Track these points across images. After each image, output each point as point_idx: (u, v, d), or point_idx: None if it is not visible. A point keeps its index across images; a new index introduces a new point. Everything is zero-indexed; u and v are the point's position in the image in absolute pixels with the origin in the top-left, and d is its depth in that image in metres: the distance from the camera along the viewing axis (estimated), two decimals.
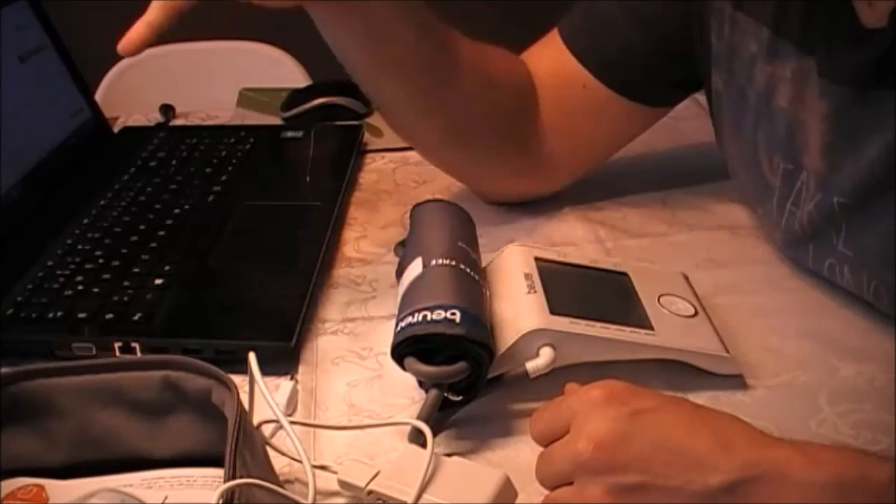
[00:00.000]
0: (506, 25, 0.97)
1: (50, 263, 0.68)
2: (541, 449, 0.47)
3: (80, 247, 0.70)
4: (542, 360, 0.54)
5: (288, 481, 0.50)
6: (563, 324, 0.54)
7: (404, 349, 0.52)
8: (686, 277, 0.64)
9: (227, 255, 0.70)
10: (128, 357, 0.59)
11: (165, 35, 0.59)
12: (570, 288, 0.60)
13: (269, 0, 0.61)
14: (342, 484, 0.47)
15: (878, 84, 0.55)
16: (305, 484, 0.46)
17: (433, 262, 0.56)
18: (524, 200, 0.80)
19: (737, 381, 0.57)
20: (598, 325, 0.55)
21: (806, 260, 0.65)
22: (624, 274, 0.63)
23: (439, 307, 0.52)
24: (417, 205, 0.65)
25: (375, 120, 1.00)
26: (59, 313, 0.62)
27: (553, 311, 0.55)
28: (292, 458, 0.49)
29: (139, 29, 0.57)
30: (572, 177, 0.80)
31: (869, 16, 0.54)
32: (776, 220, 0.66)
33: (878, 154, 0.55)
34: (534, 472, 0.47)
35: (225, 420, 0.42)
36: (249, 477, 0.40)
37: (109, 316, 0.61)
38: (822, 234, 0.62)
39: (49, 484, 0.46)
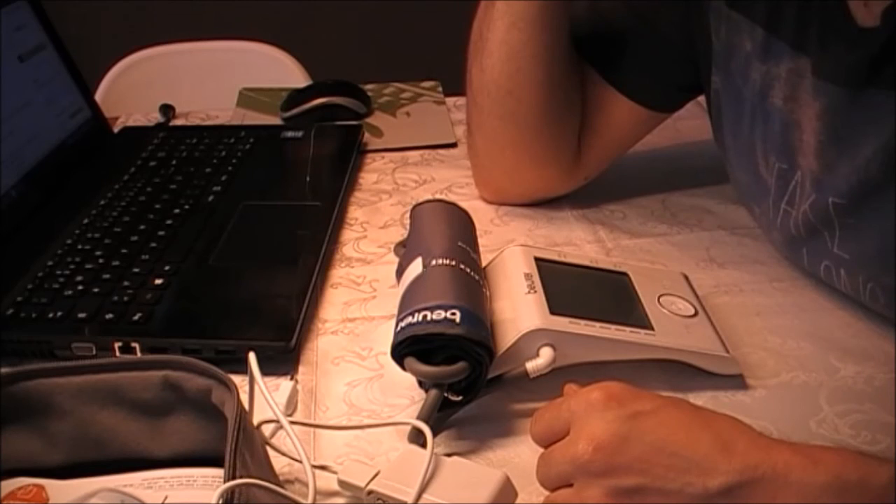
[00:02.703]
0: None
1: (50, 263, 0.68)
2: (541, 449, 0.47)
3: (80, 247, 0.70)
4: (542, 360, 0.54)
5: (288, 481, 0.50)
6: (563, 324, 0.54)
7: (404, 349, 0.52)
8: (686, 277, 0.64)
9: (227, 255, 0.70)
10: (128, 357, 0.59)
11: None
12: (570, 288, 0.60)
13: None
14: (342, 484, 0.47)
15: (871, 83, 0.55)
16: (305, 484, 0.46)
17: (433, 262, 0.56)
18: (534, 200, 0.80)
19: (737, 381, 0.57)
20: (598, 325, 0.55)
21: (802, 261, 0.65)
22: (624, 274, 0.63)
23: (439, 307, 0.52)
24: (417, 205, 0.65)
25: (375, 120, 1.00)
26: (59, 313, 0.62)
27: (553, 311, 0.55)
28: (292, 458, 0.49)
29: None
30: (584, 177, 0.80)
31: (864, 15, 0.54)
32: (772, 220, 0.66)
33: (873, 154, 0.55)
34: (534, 472, 0.47)
35: (225, 420, 0.42)
36: (249, 477, 0.40)
37: (109, 316, 0.61)
38: (816, 235, 0.62)
39: (49, 484, 0.46)
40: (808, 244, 0.63)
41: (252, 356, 0.48)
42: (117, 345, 0.59)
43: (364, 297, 0.68)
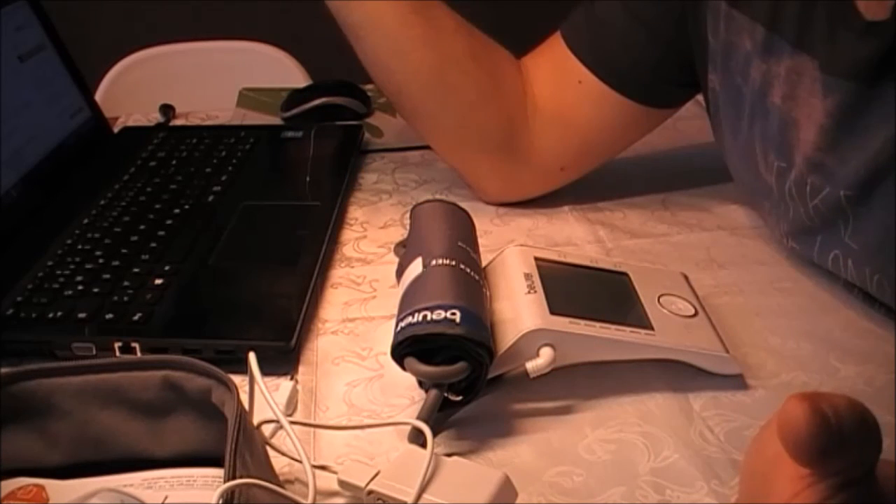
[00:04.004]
0: (508, 27, 0.98)
1: (50, 263, 0.68)
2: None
3: (80, 247, 0.70)
4: (542, 360, 0.54)
5: (288, 481, 0.50)
6: (563, 324, 0.54)
7: (404, 349, 0.52)
8: (686, 277, 0.64)
9: (227, 255, 0.70)
10: (128, 357, 0.59)
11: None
12: (570, 288, 0.60)
13: None
14: (342, 484, 0.47)
15: (884, 76, 0.55)
16: (305, 484, 0.46)
17: (433, 262, 0.56)
18: (525, 199, 0.80)
19: (737, 381, 0.57)
20: (598, 325, 0.55)
21: (811, 252, 0.65)
22: (624, 274, 0.63)
23: (439, 307, 0.52)
24: (417, 205, 0.65)
25: (375, 120, 1.00)
26: (59, 313, 0.62)
27: (553, 311, 0.55)
28: (292, 458, 0.49)
29: None
30: (570, 174, 0.80)
31: (875, 10, 0.54)
32: (783, 212, 0.66)
33: (882, 145, 0.55)
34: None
35: (225, 420, 0.42)
36: (249, 477, 0.40)
37: (109, 316, 0.61)
38: (830, 225, 0.62)
39: (49, 484, 0.46)
40: (821, 234, 0.63)
41: (252, 356, 0.48)
42: (117, 345, 0.59)
43: (364, 297, 0.68)
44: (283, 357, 0.59)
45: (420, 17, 0.73)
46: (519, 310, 0.56)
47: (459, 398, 0.54)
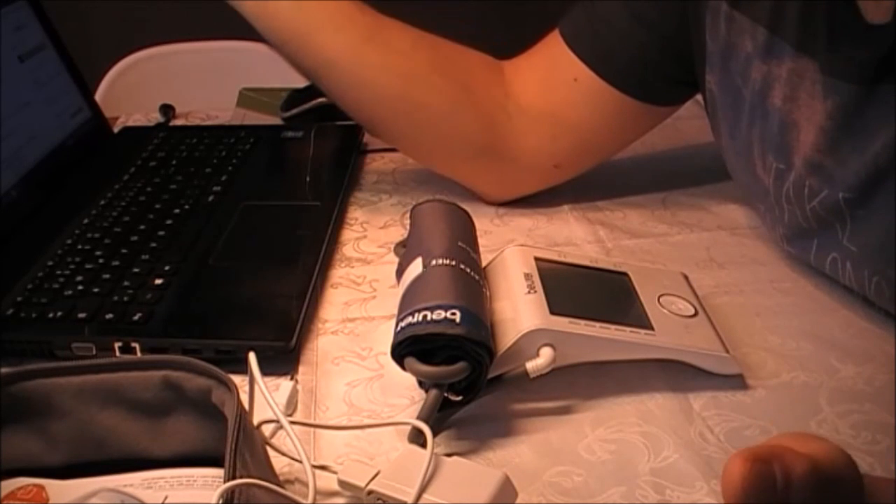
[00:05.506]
0: (509, 27, 0.98)
1: (50, 263, 0.68)
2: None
3: (80, 247, 0.70)
4: (542, 360, 0.54)
5: (288, 481, 0.50)
6: (563, 324, 0.54)
7: (404, 349, 0.52)
8: (686, 277, 0.64)
9: (227, 255, 0.70)
10: (128, 357, 0.59)
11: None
12: (570, 288, 0.60)
13: None
14: (342, 484, 0.47)
15: (884, 79, 0.55)
16: (305, 484, 0.46)
17: (433, 262, 0.56)
18: (524, 196, 0.80)
19: (737, 381, 0.57)
20: (598, 325, 0.55)
21: (808, 255, 0.65)
22: (624, 274, 0.63)
23: (439, 307, 0.52)
24: (417, 205, 0.65)
25: None
26: (59, 313, 0.62)
27: (553, 311, 0.55)
28: (292, 458, 0.49)
29: None
30: (566, 171, 0.80)
31: (874, 12, 0.54)
32: (778, 216, 0.66)
33: (882, 147, 0.55)
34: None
35: (225, 420, 0.42)
36: (249, 477, 0.40)
37: (109, 316, 0.61)
38: (828, 228, 0.62)
39: (49, 484, 0.46)
40: (818, 237, 0.63)
41: (252, 356, 0.48)
42: (117, 345, 0.59)
43: (364, 297, 0.68)
44: (283, 357, 0.59)
45: (373, 44, 0.73)
46: (519, 310, 0.56)
47: (459, 398, 0.54)
